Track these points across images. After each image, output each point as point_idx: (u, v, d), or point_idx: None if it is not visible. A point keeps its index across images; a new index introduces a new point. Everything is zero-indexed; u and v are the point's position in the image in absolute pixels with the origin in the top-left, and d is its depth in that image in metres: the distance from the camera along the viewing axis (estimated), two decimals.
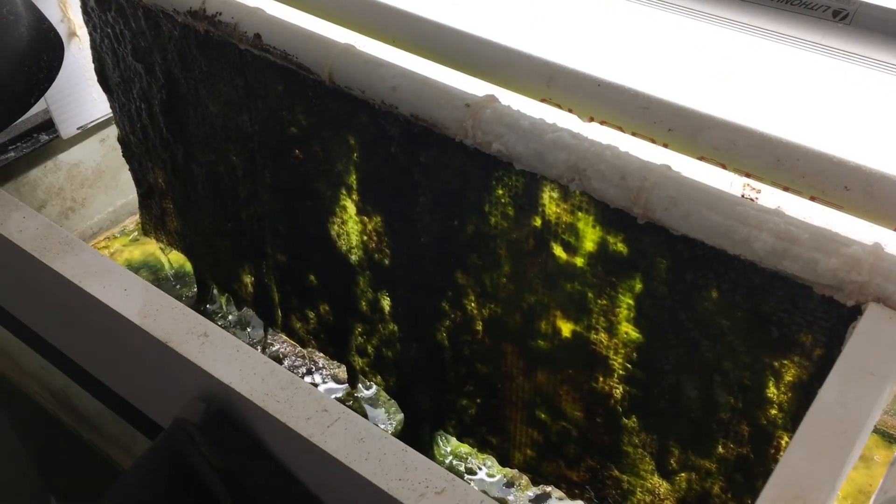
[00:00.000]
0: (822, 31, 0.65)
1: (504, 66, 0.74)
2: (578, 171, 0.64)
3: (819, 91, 0.66)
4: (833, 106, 0.66)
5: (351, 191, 0.86)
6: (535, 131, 0.66)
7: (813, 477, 0.44)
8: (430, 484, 0.52)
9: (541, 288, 0.76)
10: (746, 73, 0.69)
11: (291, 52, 0.78)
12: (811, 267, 0.55)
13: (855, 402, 0.47)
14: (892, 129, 0.64)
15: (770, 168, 0.63)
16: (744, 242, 0.57)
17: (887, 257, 0.54)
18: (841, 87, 0.65)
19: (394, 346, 0.96)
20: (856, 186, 0.60)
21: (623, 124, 0.69)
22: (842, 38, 0.64)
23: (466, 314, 0.84)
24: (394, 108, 0.73)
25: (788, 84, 0.68)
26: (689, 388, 0.71)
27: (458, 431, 0.96)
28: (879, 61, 0.64)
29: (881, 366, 0.49)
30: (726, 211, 0.58)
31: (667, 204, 0.60)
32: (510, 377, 0.86)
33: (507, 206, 0.73)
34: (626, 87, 0.69)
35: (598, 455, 0.84)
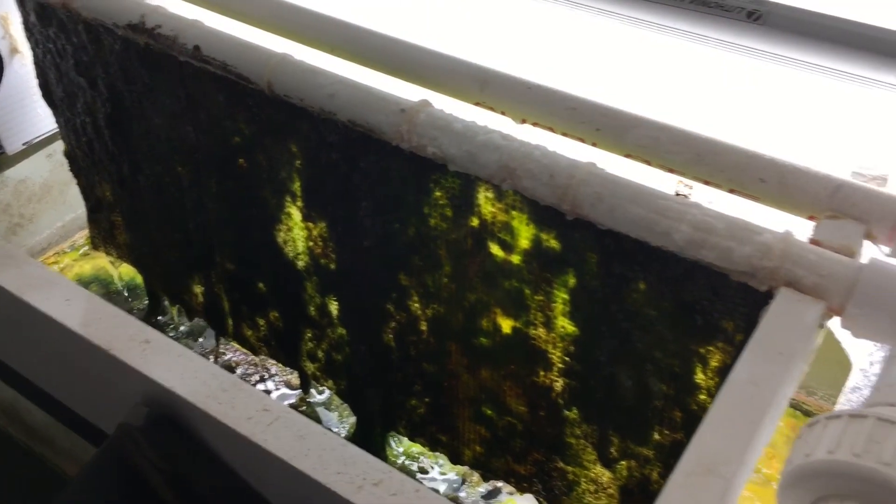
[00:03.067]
0: (738, 32, 0.69)
1: (439, 72, 0.76)
2: (509, 170, 0.66)
3: (735, 88, 0.70)
4: (749, 102, 0.69)
5: (295, 198, 0.88)
6: (468, 134, 0.68)
7: (724, 451, 0.46)
8: (368, 476, 0.53)
9: (481, 286, 0.78)
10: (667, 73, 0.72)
11: (231, 63, 0.79)
12: (727, 255, 0.58)
13: (764, 380, 0.50)
14: (803, 122, 0.67)
15: (691, 163, 0.66)
16: (664, 234, 0.60)
17: (797, 243, 0.57)
18: (756, 84, 0.68)
19: (343, 349, 0.97)
20: (771, 178, 0.63)
21: (554, 125, 0.72)
22: (756, 37, 0.68)
23: (411, 315, 0.86)
24: (332, 115, 0.75)
25: (707, 82, 0.71)
26: (623, 378, 0.74)
27: (409, 431, 0.98)
28: (791, 58, 0.67)
29: (789, 345, 0.52)
30: (648, 204, 0.61)
31: (593, 200, 0.63)
32: (456, 375, 0.87)
33: (445, 208, 0.75)
34: (554, 89, 0.72)
35: (544, 448, 0.86)
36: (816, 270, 0.55)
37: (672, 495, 0.45)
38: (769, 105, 0.70)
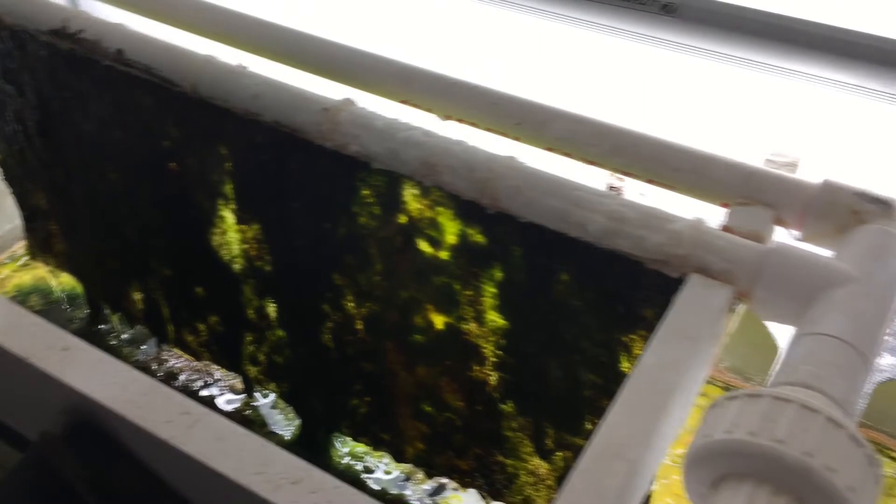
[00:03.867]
0: (653, 24, 0.70)
1: (364, 71, 0.76)
2: (430, 166, 0.66)
3: (651, 80, 0.71)
4: (664, 93, 0.71)
5: (228, 200, 0.87)
6: (389, 131, 0.68)
7: (630, 436, 0.47)
8: (287, 475, 0.53)
9: (412, 283, 0.78)
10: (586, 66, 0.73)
11: (154, 66, 0.79)
12: (640, 244, 0.59)
13: (672, 364, 0.51)
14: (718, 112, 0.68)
15: (609, 155, 0.67)
16: (580, 225, 0.61)
17: (706, 230, 0.58)
18: (671, 75, 0.69)
19: (283, 351, 0.97)
20: (685, 167, 0.64)
21: (477, 120, 0.73)
22: (670, 29, 0.69)
23: (346, 314, 0.86)
24: (257, 116, 0.75)
25: (623, 75, 0.72)
26: (554, 370, 0.74)
27: (352, 431, 0.98)
28: (705, 49, 0.68)
29: (697, 330, 0.53)
30: (564, 196, 0.62)
31: (511, 193, 0.63)
32: (394, 373, 0.88)
33: (373, 206, 0.75)
34: (477, 85, 0.72)
35: (483, 442, 0.87)
36: (725, 256, 0.56)
37: (578, 480, 0.45)
38: (684, 96, 0.71)
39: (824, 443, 0.42)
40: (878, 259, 0.54)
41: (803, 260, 0.55)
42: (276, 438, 1.07)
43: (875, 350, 0.51)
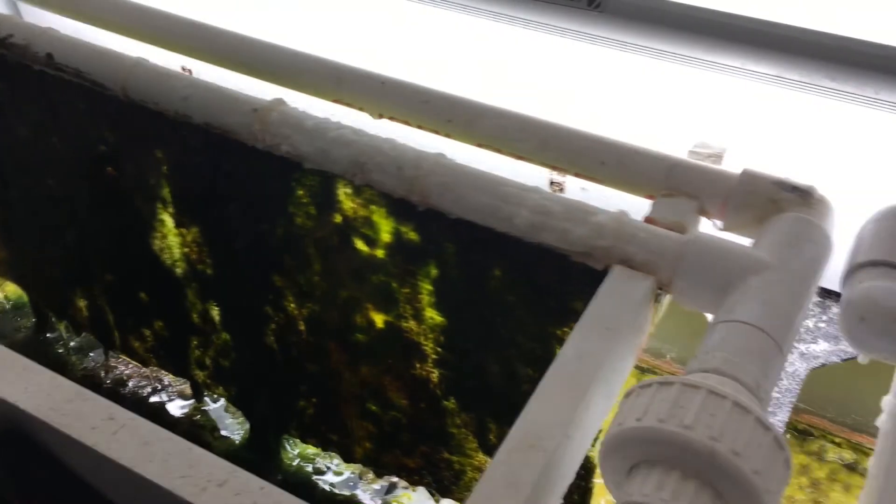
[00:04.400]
0: (579, 19, 0.70)
1: (295, 70, 0.76)
2: (360, 165, 0.66)
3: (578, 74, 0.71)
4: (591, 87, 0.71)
5: (166, 204, 0.87)
6: (319, 130, 0.68)
7: (547, 427, 0.48)
8: (213, 478, 0.53)
9: (351, 282, 0.78)
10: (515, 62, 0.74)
11: (84, 70, 0.78)
12: (565, 237, 0.59)
13: (591, 355, 0.51)
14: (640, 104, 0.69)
15: (538, 149, 0.67)
16: (507, 219, 0.61)
17: (629, 222, 0.59)
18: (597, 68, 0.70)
19: (229, 355, 0.97)
20: (610, 160, 0.65)
21: (409, 118, 0.73)
22: (596, 24, 0.69)
23: (289, 315, 0.86)
24: (188, 118, 0.74)
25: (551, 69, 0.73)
26: (492, 365, 0.75)
27: (300, 433, 0.98)
28: (630, 43, 0.69)
29: (617, 320, 0.54)
30: (491, 191, 0.62)
31: (440, 189, 0.64)
32: (338, 373, 0.88)
33: (309, 206, 0.75)
34: (408, 83, 0.72)
35: (429, 440, 0.87)
36: (646, 247, 0.57)
37: (494, 472, 0.45)
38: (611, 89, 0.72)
39: (731, 428, 0.43)
40: (793, 246, 0.55)
41: (721, 249, 0.56)
42: (227, 442, 1.06)
43: (789, 335, 0.52)
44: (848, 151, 0.66)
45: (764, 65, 0.65)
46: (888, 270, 0.53)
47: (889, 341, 0.51)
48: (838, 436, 1.00)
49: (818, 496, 0.96)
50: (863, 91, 0.62)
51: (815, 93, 0.64)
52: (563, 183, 0.92)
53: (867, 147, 0.65)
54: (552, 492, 0.49)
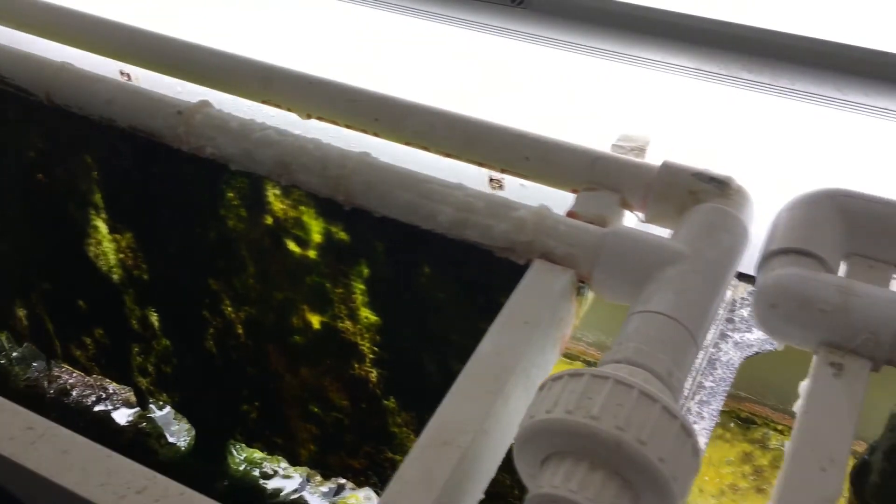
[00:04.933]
0: (503, 16, 0.71)
1: (222, 71, 0.75)
2: (284, 165, 0.66)
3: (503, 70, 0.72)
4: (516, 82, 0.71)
5: (99, 210, 0.86)
6: (244, 132, 0.68)
7: (461, 422, 0.48)
8: (132, 485, 0.52)
9: (285, 284, 0.78)
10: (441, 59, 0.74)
11: (7, 75, 0.77)
12: (487, 232, 0.59)
13: (508, 350, 0.51)
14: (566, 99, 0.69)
15: (464, 147, 0.67)
16: (430, 217, 0.61)
17: (550, 217, 0.59)
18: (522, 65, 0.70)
19: (170, 361, 0.96)
20: (535, 156, 0.65)
21: (337, 118, 0.72)
22: (519, 20, 0.70)
23: (226, 319, 0.85)
24: (113, 122, 0.73)
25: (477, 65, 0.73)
26: (428, 363, 0.75)
27: (245, 437, 0.97)
28: (553, 39, 0.69)
29: (536, 314, 0.54)
30: (414, 189, 0.62)
31: (364, 188, 0.64)
32: (278, 376, 0.87)
33: (240, 208, 0.75)
34: (335, 82, 0.72)
35: (372, 440, 0.86)
36: (566, 241, 0.57)
37: (407, 469, 0.45)
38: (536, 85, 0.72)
39: (637, 417, 0.43)
40: (709, 237, 0.56)
41: (638, 241, 0.56)
42: (173, 449, 1.05)
43: (703, 324, 0.53)
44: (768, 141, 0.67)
45: (683, 57, 0.66)
46: (799, 258, 0.54)
47: (799, 327, 0.52)
48: (780, 423, 1.01)
49: (761, 483, 0.97)
50: (778, 82, 0.63)
51: (733, 84, 0.65)
52: (501, 180, 0.92)
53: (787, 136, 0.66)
54: (471, 487, 0.49)
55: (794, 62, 0.63)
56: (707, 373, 0.82)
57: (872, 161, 0.63)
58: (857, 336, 0.50)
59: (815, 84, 0.62)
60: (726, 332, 0.84)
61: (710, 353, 0.83)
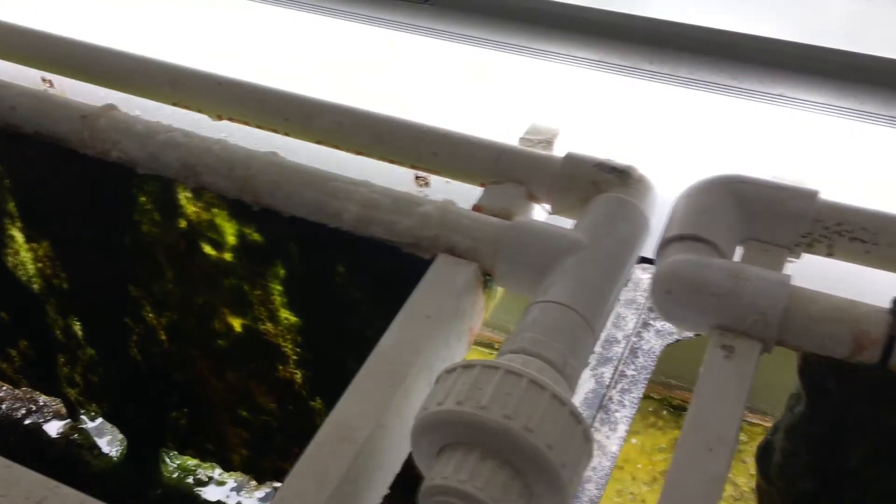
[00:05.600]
0: (411, 13, 0.71)
1: (129, 74, 0.74)
2: (190, 167, 0.65)
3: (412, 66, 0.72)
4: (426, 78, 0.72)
5: (14, 219, 0.84)
6: (149, 134, 0.67)
7: (359, 417, 0.48)
8: (31, 495, 0.51)
9: (204, 288, 0.77)
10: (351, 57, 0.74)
11: None
12: (393, 228, 0.59)
13: (407, 343, 0.52)
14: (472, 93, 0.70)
15: (374, 144, 0.67)
16: (336, 215, 0.61)
17: (454, 211, 0.59)
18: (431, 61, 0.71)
19: (97, 370, 0.94)
20: (443, 151, 0.65)
21: (247, 118, 0.72)
22: (427, 17, 0.70)
23: (148, 326, 0.84)
24: (18, 128, 0.72)
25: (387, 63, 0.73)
26: (350, 361, 0.75)
27: (177, 445, 0.96)
28: (461, 35, 0.70)
29: (439, 308, 0.54)
30: (319, 187, 0.62)
31: (271, 188, 0.63)
32: (205, 381, 0.86)
33: (153, 213, 0.74)
34: (243, 82, 0.72)
35: (301, 442, 0.86)
36: (469, 234, 0.58)
37: (303, 465, 0.45)
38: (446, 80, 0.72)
39: (525, 405, 0.44)
40: (608, 226, 0.57)
41: (539, 233, 0.57)
42: (106, 460, 1.04)
43: (601, 313, 0.53)
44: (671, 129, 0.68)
45: (587, 50, 0.67)
46: (694, 244, 0.55)
47: (693, 312, 0.53)
48: None
49: None
50: (678, 72, 0.64)
51: (637, 75, 0.66)
52: (427, 177, 0.92)
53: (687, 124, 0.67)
54: (371, 483, 0.49)
55: (693, 52, 0.64)
56: (629, 362, 0.83)
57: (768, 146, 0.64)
58: (747, 318, 0.51)
59: (712, 73, 0.63)
60: (648, 321, 0.85)
61: (633, 343, 0.85)
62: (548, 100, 0.70)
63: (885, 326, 0.49)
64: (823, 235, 0.56)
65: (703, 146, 0.67)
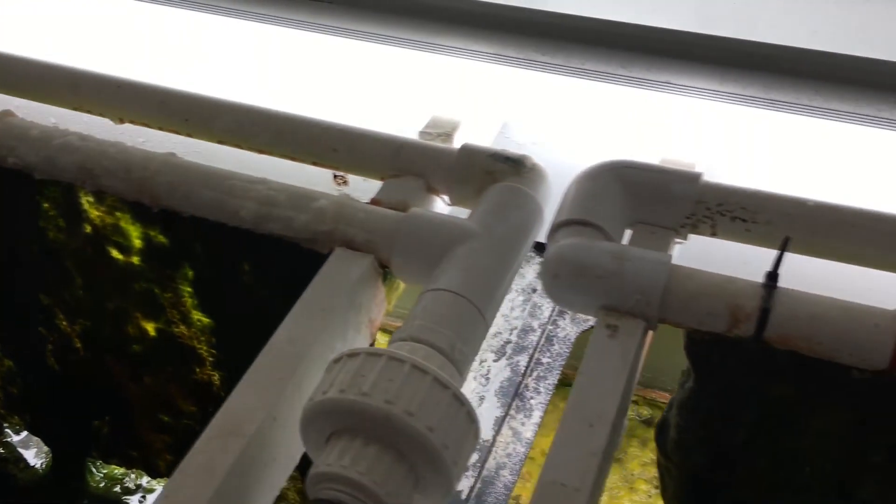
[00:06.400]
0: (313, 11, 0.71)
1: (28, 79, 0.74)
2: (87, 171, 0.65)
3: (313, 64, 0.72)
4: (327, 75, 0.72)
5: None
6: (44, 139, 0.66)
7: (248, 410, 0.48)
8: None
9: (114, 293, 0.77)
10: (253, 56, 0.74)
11: None
12: (290, 224, 0.60)
13: (300, 337, 0.52)
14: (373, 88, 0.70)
15: (274, 142, 0.68)
16: (234, 213, 0.61)
17: (350, 205, 0.60)
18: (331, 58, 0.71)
19: (16, 381, 0.93)
20: (342, 147, 0.66)
21: (149, 121, 0.72)
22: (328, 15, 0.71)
23: (63, 334, 0.83)
24: None
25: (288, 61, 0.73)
26: None
27: (101, 454, 0.95)
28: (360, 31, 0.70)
29: (333, 301, 0.55)
30: (217, 186, 0.62)
31: (168, 189, 0.63)
32: (124, 387, 0.85)
33: (58, 219, 0.73)
34: (142, 84, 0.71)
35: None
36: (365, 227, 0.58)
37: (190, 460, 0.46)
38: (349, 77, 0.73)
39: (407, 390, 0.44)
40: (500, 214, 0.58)
41: (431, 223, 0.57)
42: (32, 472, 1.02)
43: (492, 299, 0.54)
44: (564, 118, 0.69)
45: (483, 43, 0.68)
46: (581, 228, 0.56)
47: (580, 294, 0.54)
48: (635, 394, 1.05)
49: (617, 453, 1.00)
50: (570, 63, 0.65)
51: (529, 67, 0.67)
52: (345, 176, 0.93)
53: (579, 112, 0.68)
54: (264, 476, 0.49)
55: (585, 43, 0.65)
56: (544, 349, 0.84)
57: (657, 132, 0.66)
58: (629, 298, 0.52)
59: (603, 62, 0.65)
60: (563, 309, 0.87)
61: (548, 331, 0.86)
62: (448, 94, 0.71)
63: (758, 300, 0.51)
64: (706, 216, 0.58)
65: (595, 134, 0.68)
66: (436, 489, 0.46)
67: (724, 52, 0.65)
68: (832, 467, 0.56)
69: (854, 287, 0.56)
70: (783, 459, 0.57)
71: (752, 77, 0.63)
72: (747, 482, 0.59)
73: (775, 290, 0.51)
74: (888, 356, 0.49)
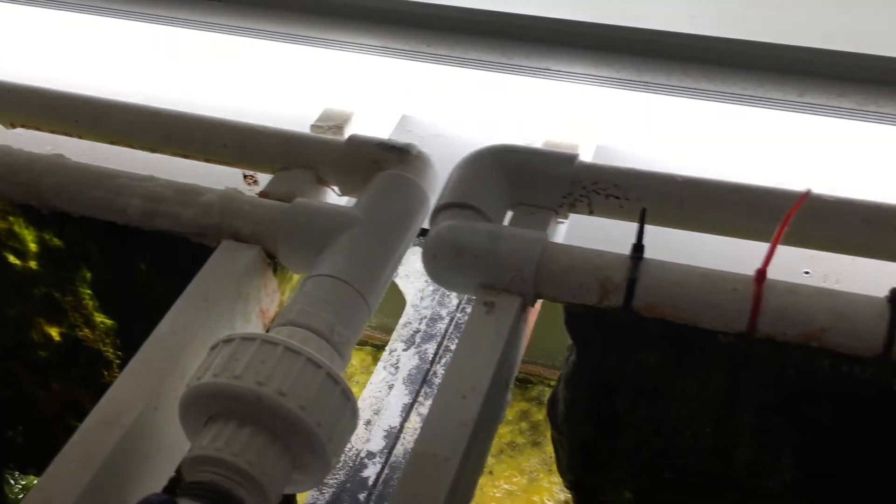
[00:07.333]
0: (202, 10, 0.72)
1: None
2: None
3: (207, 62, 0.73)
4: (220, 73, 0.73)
5: None
6: None
7: (128, 401, 0.48)
8: None
9: (14, 299, 0.76)
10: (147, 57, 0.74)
11: None
12: (177, 220, 0.60)
13: (183, 328, 0.53)
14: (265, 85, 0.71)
15: (164, 141, 0.68)
16: (122, 211, 0.61)
17: (236, 198, 0.61)
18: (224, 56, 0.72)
19: None
20: (232, 142, 0.67)
21: (40, 124, 0.71)
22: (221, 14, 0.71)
23: None
24: None
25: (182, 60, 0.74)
26: None
27: (18, 465, 0.94)
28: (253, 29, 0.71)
29: (217, 292, 0.56)
30: (104, 185, 0.62)
31: (55, 190, 0.63)
32: (32, 395, 0.85)
33: None
34: (31, 87, 0.71)
35: None
36: (251, 219, 0.59)
37: (67, 452, 0.46)
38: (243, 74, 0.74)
39: (279, 371, 0.45)
40: (383, 201, 0.59)
41: (315, 212, 0.59)
42: None
43: (374, 284, 0.56)
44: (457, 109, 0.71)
45: (371, 37, 0.69)
46: (460, 211, 0.58)
47: (459, 274, 0.56)
48: (553, 379, 1.08)
49: (537, 437, 1.03)
50: (453, 52, 0.67)
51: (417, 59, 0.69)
52: (255, 175, 0.93)
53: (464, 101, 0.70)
54: (145, 466, 0.50)
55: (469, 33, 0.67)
56: (453, 337, 0.86)
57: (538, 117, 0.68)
58: (505, 275, 0.54)
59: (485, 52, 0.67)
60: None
61: (457, 318, 0.88)
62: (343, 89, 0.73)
63: (625, 271, 0.53)
64: (582, 195, 0.60)
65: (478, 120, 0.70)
66: (314, 467, 0.47)
67: (598, 38, 0.67)
68: (710, 430, 0.58)
69: (724, 256, 0.59)
70: (663, 425, 0.59)
71: (622, 61, 0.65)
72: (633, 450, 0.61)
73: (641, 261, 0.53)
74: (746, 319, 0.51)
